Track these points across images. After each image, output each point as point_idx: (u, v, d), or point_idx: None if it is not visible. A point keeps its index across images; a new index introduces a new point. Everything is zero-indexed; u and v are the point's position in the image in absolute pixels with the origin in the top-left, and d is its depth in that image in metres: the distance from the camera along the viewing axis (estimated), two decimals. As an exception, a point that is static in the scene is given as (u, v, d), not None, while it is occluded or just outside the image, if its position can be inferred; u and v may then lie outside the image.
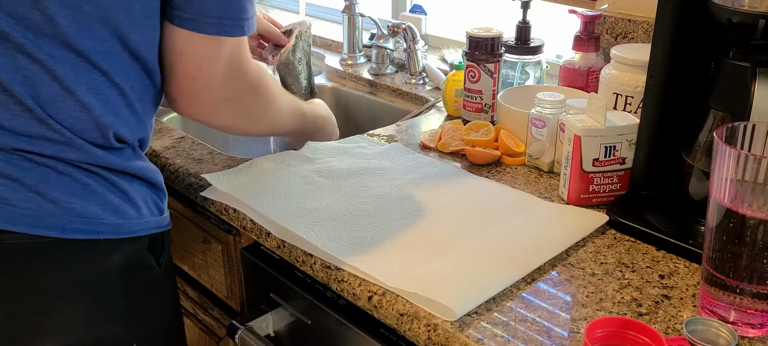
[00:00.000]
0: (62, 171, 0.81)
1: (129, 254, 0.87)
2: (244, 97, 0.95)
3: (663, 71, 0.92)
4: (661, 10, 0.89)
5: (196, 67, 0.87)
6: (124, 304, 0.87)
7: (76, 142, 0.80)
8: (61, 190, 0.80)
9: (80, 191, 0.82)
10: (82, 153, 0.81)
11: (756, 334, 0.72)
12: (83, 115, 0.80)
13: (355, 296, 0.82)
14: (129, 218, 0.85)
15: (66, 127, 0.80)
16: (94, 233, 0.82)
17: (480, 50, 1.23)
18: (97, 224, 0.82)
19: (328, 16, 2.09)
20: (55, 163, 0.80)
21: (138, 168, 0.87)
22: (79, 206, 0.81)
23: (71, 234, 0.81)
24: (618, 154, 0.97)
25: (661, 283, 0.82)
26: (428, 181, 1.05)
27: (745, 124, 0.73)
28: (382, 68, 1.63)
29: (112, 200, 0.84)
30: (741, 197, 0.68)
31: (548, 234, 0.90)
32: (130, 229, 0.86)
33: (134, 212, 0.86)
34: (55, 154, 0.80)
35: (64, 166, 0.81)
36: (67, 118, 0.79)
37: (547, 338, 0.72)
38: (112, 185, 0.84)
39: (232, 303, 1.15)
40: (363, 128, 1.39)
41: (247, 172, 1.07)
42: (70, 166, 0.81)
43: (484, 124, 1.19)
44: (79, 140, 0.81)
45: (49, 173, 0.80)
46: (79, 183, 0.82)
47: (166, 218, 0.92)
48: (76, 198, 0.81)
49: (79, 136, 0.81)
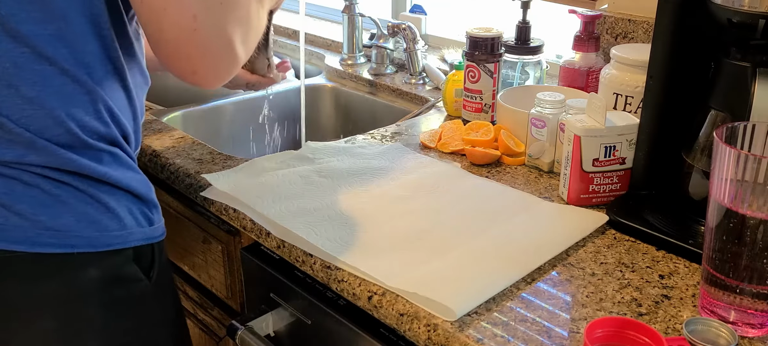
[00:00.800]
0: (29, 182, 0.76)
1: (108, 267, 0.82)
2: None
3: (663, 71, 0.92)
4: (661, 10, 0.89)
5: (190, 16, 0.74)
6: (102, 320, 0.83)
7: (37, 142, 0.75)
8: (28, 202, 0.76)
9: (49, 202, 0.77)
10: (48, 156, 0.76)
11: (756, 334, 0.72)
12: (36, 111, 0.75)
13: (355, 296, 0.82)
14: (108, 230, 0.81)
15: (22, 126, 0.75)
16: (67, 247, 0.78)
17: (480, 50, 1.23)
18: (70, 237, 0.78)
19: (328, 16, 2.09)
20: (21, 173, 0.76)
21: (121, 178, 0.82)
22: (48, 218, 0.77)
23: (41, 248, 0.77)
24: (618, 154, 0.97)
25: (661, 283, 0.82)
26: (428, 181, 1.05)
27: (745, 124, 0.73)
28: (382, 68, 1.63)
29: (88, 212, 0.79)
30: (741, 197, 0.68)
31: (548, 234, 0.90)
32: (109, 241, 0.81)
33: (115, 223, 0.81)
34: (17, 160, 0.75)
35: (30, 176, 0.76)
36: (21, 118, 0.74)
37: (547, 338, 0.72)
38: (89, 196, 0.79)
39: (232, 303, 1.15)
40: (363, 128, 1.39)
41: (247, 172, 1.07)
42: (37, 177, 0.77)
43: (484, 124, 1.19)
44: (40, 141, 0.75)
45: (15, 183, 0.76)
46: (47, 194, 0.77)
47: (157, 228, 0.88)
48: (45, 209, 0.77)
49: (40, 137, 0.75)
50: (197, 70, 0.77)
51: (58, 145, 0.77)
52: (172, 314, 0.95)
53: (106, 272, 0.82)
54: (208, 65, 0.77)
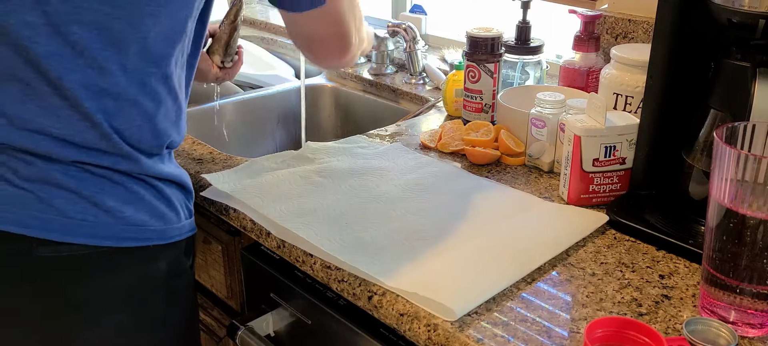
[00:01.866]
0: (116, 181, 0.82)
1: (171, 258, 0.88)
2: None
3: (663, 71, 0.92)
4: (661, 10, 0.89)
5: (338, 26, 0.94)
6: (166, 310, 0.89)
7: (132, 154, 0.82)
8: (115, 199, 0.81)
9: (131, 199, 0.83)
10: (134, 164, 0.82)
11: (756, 334, 0.72)
12: (144, 124, 0.81)
13: (355, 296, 0.82)
14: (171, 223, 0.87)
15: (125, 139, 0.81)
16: (143, 240, 0.83)
17: (480, 50, 1.23)
18: (146, 231, 0.83)
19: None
20: (110, 173, 0.81)
21: (174, 172, 0.88)
22: (131, 214, 0.82)
23: (124, 242, 0.82)
24: (618, 154, 0.97)
25: (661, 283, 0.82)
26: (428, 181, 1.05)
27: (745, 124, 0.73)
28: (382, 68, 1.63)
29: (158, 206, 0.85)
30: (741, 197, 0.68)
31: (548, 234, 0.90)
32: (172, 234, 0.87)
33: (174, 216, 0.87)
34: (110, 166, 0.81)
35: (117, 175, 0.82)
36: (128, 129, 0.80)
37: (547, 338, 0.72)
38: (157, 192, 0.85)
39: (232, 303, 1.15)
40: (363, 128, 1.39)
41: (247, 172, 1.07)
42: (123, 176, 0.82)
43: (484, 124, 1.19)
44: (135, 153, 0.82)
45: (105, 183, 0.81)
46: (130, 192, 0.83)
47: (194, 220, 0.94)
48: (128, 206, 0.82)
49: (136, 148, 0.82)
50: (331, 57, 1.00)
51: (145, 154, 0.84)
52: (196, 301, 1.01)
53: (170, 264, 0.88)
54: (337, 53, 0.99)
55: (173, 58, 0.82)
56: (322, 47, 0.97)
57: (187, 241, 0.91)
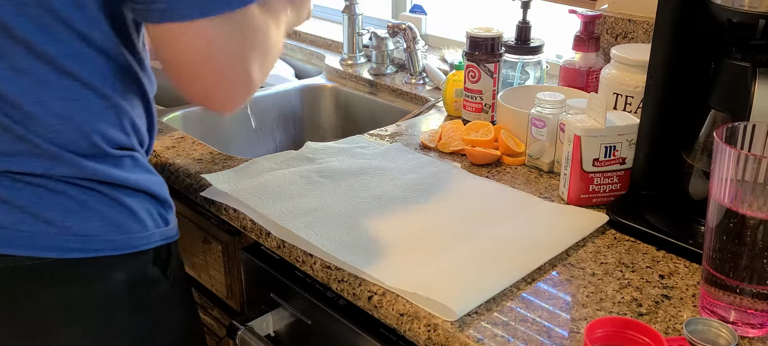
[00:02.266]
0: (55, 189, 0.77)
1: (133, 270, 0.83)
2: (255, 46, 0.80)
3: (663, 71, 0.92)
4: (661, 10, 0.89)
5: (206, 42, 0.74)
6: (128, 323, 0.84)
7: (63, 156, 0.76)
8: (55, 209, 0.77)
9: (76, 208, 0.78)
10: (74, 168, 0.77)
11: (756, 334, 0.72)
12: (63, 126, 0.76)
13: (355, 296, 0.82)
14: (131, 233, 0.82)
15: (49, 141, 0.75)
16: (92, 252, 0.79)
17: (480, 50, 1.23)
18: (96, 242, 0.79)
19: (328, 16, 2.09)
20: (47, 181, 0.76)
21: (139, 180, 0.83)
22: (76, 224, 0.78)
23: (69, 253, 0.77)
24: (618, 154, 0.97)
25: (661, 283, 0.82)
26: (428, 181, 1.05)
27: (745, 124, 0.73)
28: (382, 68, 1.63)
29: (112, 215, 0.80)
30: (741, 197, 0.68)
31: (548, 234, 0.90)
32: (133, 243, 0.82)
33: (137, 225, 0.82)
34: (45, 172, 0.76)
35: (56, 183, 0.77)
36: (47, 132, 0.75)
37: (547, 338, 0.72)
38: (112, 200, 0.80)
39: (232, 303, 1.15)
40: (363, 128, 1.39)
41: (247, 172, 1.07)
42: (63, 183, 0.77)
43: (484, 124, 1.19)
44: (67, 154, 0.76)
45: (41, 192, 0.76)
46: (74, 200, 0.78)
47: (172, 228, 0.89)
48: (72, 216, 0.78)
49: (66, 150, 0.76)
50: (211, 95, 0.78)
51: (82, 156, 0.78)
52: (188, 311, 0.97)
53: (131, 275, 0.83)
54: (223, 91, 0.78)
55: (72, 55, 0.75)
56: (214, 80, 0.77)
57: (158, 250, 0.86)
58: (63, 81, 0.75)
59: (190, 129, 1.42)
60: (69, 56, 0.74)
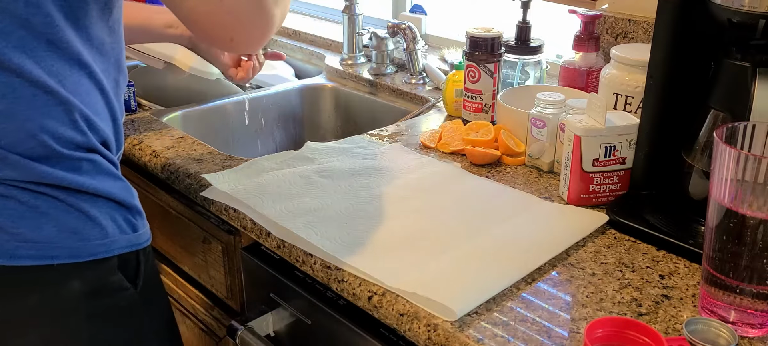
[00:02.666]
0: (4, 194, 0.74)
1: (91, 278, 0.79)
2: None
3: (663, 71, 0.92)
4: (661, 10, 0.89)
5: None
6: (87, 333, 0.81)
7: (9, 157, 0.73)
8: (5, 214, 0.74)
9: (28, 214, 0.75)
10: (21, 171, 0.74)
11: (756, 334, 0.72)
12: (5, 125, 0.72)
13: (355, 296, 0.82)
14: (90, 240, 0.78)
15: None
16: (46, 259, 0.75)
17: (480, 50, 1.23)
18: (50, 248, 0.75)
19: (328, 16, 2.09)
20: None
21: (100, 187, 0.79)
22: (28, 230, 0.74)
23: (20, 261, 0.74)
24: (618, 154, 0.97)
25: (661, 283, 0.82)
26: (428, 181, 1.05)
27: (745, 124, 0.73)
28: (382, 68, 1.63)
29: (68, 221, 0.77)
30: (741, 197, 0.68)
31: (548, 234, 0.90)
32: (92, 251, 0.78)
33: (97, 232, 0.79)
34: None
35: (6, 188, 0.74)
36: None
37: (547, 338, 0.72)
38: (69, 206, 0.77)
39: (232, 303, 1.15)
40: (363, 128, 1.39)
41: (247, 172, 1.07)
42: (13, 189, 0.74)
43: (484, 124, 1.19)
44: (12, 156, 0.73)
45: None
46: (25, 206, 0.74)
47: (142, 235, 0.85)
48: (24, 221, 0.74)
49: (12, 151, 0.73)
50: (233, 37, 0.78)
51: (31, 158, 0.74)
52: (161, 322, 0.93)
53: (89, 283, 0.79)
54: (243, 31, 0.78)
55: (13, 47, 0.71)
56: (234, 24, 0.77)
57: (125, 257, 0.82)
58: (2, 77, 0.71)
59: (190, 129, 1.42)
60: (9, 49, 0.71)
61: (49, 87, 0.74)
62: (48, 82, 0.74)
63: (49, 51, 0.74)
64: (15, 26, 0.71)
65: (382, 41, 1.62)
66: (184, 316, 1.29)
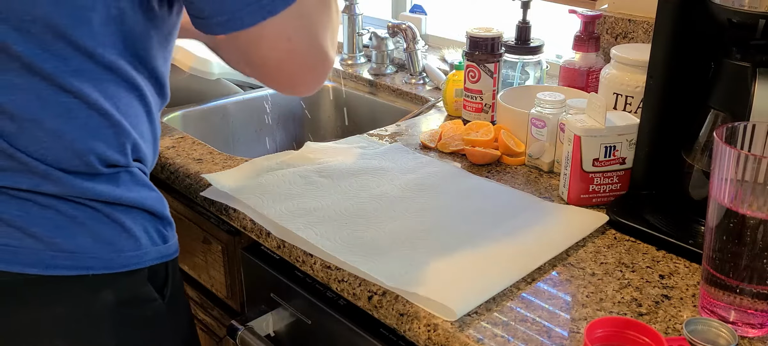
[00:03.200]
0: (44, 204, 0.74)
1: (123, 288, 0.80)
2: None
3: (663, 71, 0.92)
4: (661, 10, 0.89)
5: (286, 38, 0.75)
6: (115, 343, 0.81)
7: (52, 174, 0.74)
8: (43, 224, 0.74)
9: (65, 224, 0.75)
10: (62, 186, 0.74)
11: (756, 334, 0.72)
12: (54, 143, 0.73)
13: (355, 296, 0.82)
14: (124, 251, 0.79)
15: (37, 159, 0.73)
16: (81, 269, 0.76)
17: (480, 50, 1.23)
18: (86, 259, 0.76)
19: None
20: (35, 196, 0.74)
21: (136, 198, 0.80)
22: (64, 240, 0.75)
23: (55, 270, 0.74)
24: (618, 154, 0.97)
25: (661, 283, 0.82)
26: (428, 181, 1.05)
27: (745, 124, 0.73)
28: (382, 68, 1.63)
29: (104, 232, 0.77)
30: (741, 197, 0.68)
31: (548, 234, 0.90)
32: (126, 262, 0.79)
33: (131, 243, 0.79)
34: (32, 188, 0.74)
35: (45, 198, 0.74)
36: (37, 150, 0.73)
37: (547, 338, 0.72)
38: (105, 216, 0.77)
39: (232, 303, 1.15)
40: (363, 128, 1.39)
41: (247, 172, 1.07)
42: (52, 199, 0.75)
43: (484, 124, 1.19)
44: (55, 172, 0.74)
45: (29, 206, 0.74)
46: (63, 216, 0.75)
47: (171, 246, 0.86)
48: (61, 232, 0.75)
49: (56, 167, 0.74)
50: (297, 83, 0.80)
51: (73, 174, 0.75)
52: (185, 331, 0.93)
53: (120, 294, 0.80)
54: (307, 76, 0.80)
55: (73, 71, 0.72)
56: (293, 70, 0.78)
57: (155, 269, 0.83)
58: (61, 98, 0.73)
59: (190, 129, 1.42)
60: (69, 73, 0.72)
61: (105, 110, 0.75)
62: (104, 105, 0.75)
63: (108, 74, 0.75)
64: (77, 55, 0.72)
65: (382, 41, 1.62)
66: (184, 316, 1.30)
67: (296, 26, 0.75)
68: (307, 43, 0.77)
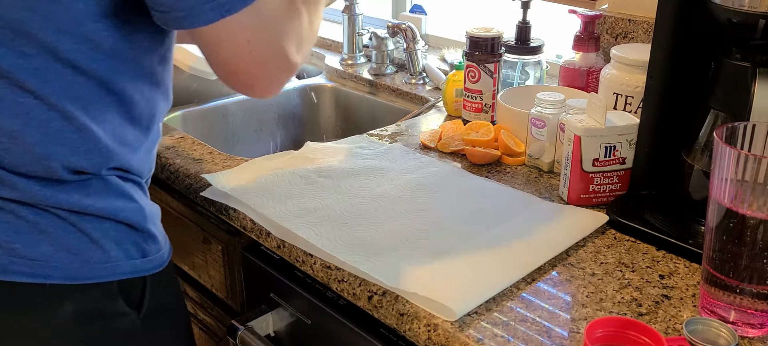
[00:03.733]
0: (3, 208, 0.72)
1: (86, 300, 0.76)
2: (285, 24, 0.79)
3: (663, 71, 0.92)
4: (661, 10, 0.89)
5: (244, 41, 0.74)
6: None
7: (8, 179, 0.70)
8: (2, 228, 0.71)
9: (26, 230, 0.72)
10: (20, 191, 0.71)
11: (756, 334, 0.72)
12: (12, 146, 0.70)
13: (355, 296, 0.82)
14: (89, 262, 0.75)
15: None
16: (40, 277, 0.72)
17: (480, 50, 1.23)
18: (46, 267, 0.72)
19: (328, 16, 2.09)
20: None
21: (107, 208, 0.76)
22: (23, 246, 0.72)
23: (12, 276, 0.71)
24: (618, 154, 0.97)
25: (661, 283, 0.82)
26: (428, 181, 1.05)
27: (745, 124, 0.73)
28: (382, 68, 1.63)
29: (68, 241, 0.74)
30: (741, 197, 0.68)
31: (548, 234, 0.90)
32: (91, 274, 0.75)
33: (99, 254, 0.75)
34: None
35: (4, 202, 0.71)
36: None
37: (547, 338, 0.72)
38: (70, 225, 0.74)
39: (232, 303, 1.15)
40: (363, 128, 1.39)
41: (247, 172, 1.07)
42: (13, 203, 0.72)
43: (484, 124, 1.19)
44: (12, 177, 0.70)
45: None
46: (24, 221, 0.72)
47: (152, 260, 0.81)
48: (21, 237, 0.72)
49: (13, 172, 0.71)
50: (254, 84, 0.78)
51: (34, 180, 0.72)
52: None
53: (83, 306, 0.76)
54: (264, 79, 0.78)
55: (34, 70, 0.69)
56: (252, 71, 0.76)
57: (128, 283, 0.79)
58: (18, 98, 0.69)
59: (190, 129, 1.42)
60: (29, 72, 0.69)
61: (68, 113, 0.72)
62: (67, 108, 0.71)
63: (76, 76, 0.71)
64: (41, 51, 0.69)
65: (382, 41, 1.62)
66: (184, 316, 1.30)
67: (256, 28, 0.73)
68: (267, 46, 0.75)
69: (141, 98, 0.78)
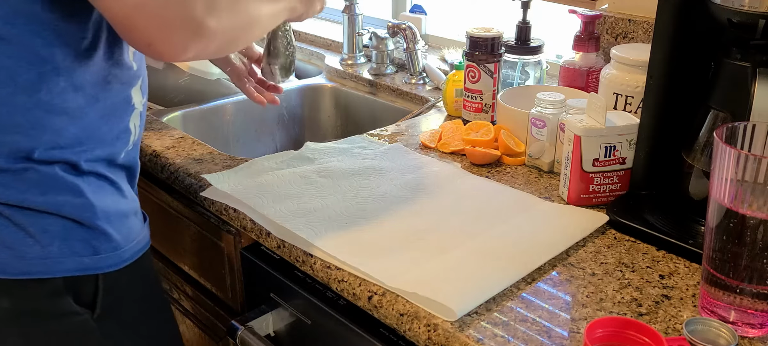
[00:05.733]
0: None
1: (25, 297, 0.73)
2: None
3: (663, 71, 0.92)
4: (661, 10, 0.89)
5: None
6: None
7: None
8: None
9: None
10: None
11: (756, 334, 0.72)
12: None
13: (355, 296, 0.82)
14: (25, 257, 0.72)
15: None
16: None
17: (480, 50, 1.23)
18: None
19: (328, 16, 2.09)
20: None
21: (47, 203, 0.72)
22: None
23: None
24: (618, 154, 0.97)
25: (661, 283, 0.82)
26: (428, 181, 1.05)
27: (745, 124, 0.73)
28: (382, 68, 1.63)
29: (2, 235, 0.71)
30: (741, 197, 0.68)
31: (548, 234, 0.90)
32: (26, 269, 0.72)
33: (36, 249, 0.72)
34: None
35: None
36: None
37: (547, 338, 0.72)
38: (6, 218, 0.71)
39: (232, 303, 1.15)
40: (363, 128, 1.39)
41: (247, 172, 1.07)
42: None
43: (484, 124, 1.19)
44: None
45: None
46: None
47: (105, 259, 0.77)
48: None
49: None
50: (152, 42, 0.70)
51: None
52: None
53: (21, 303, 0.73)
54: (163, 37, 0.70)
55: None
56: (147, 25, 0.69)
57: (77, 280, 0.75)
58: None
59: (190, 129, 1.42)
60: None
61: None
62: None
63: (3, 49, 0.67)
64: None
65: (382, 41, 1.62)
66: (184, 316, 1.30)
67: None
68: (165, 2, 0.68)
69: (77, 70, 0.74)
